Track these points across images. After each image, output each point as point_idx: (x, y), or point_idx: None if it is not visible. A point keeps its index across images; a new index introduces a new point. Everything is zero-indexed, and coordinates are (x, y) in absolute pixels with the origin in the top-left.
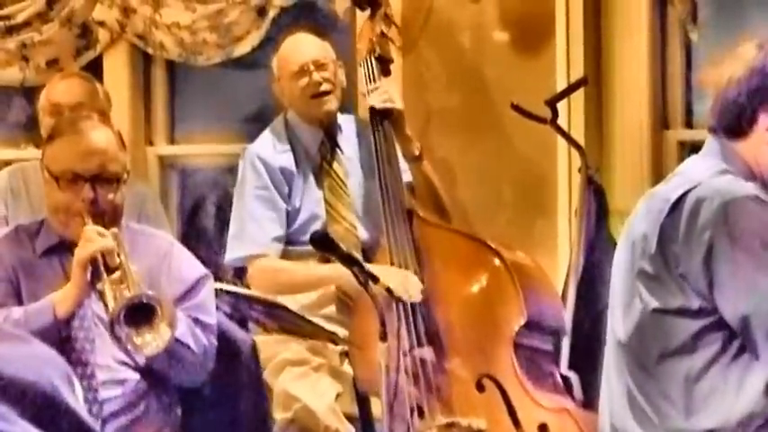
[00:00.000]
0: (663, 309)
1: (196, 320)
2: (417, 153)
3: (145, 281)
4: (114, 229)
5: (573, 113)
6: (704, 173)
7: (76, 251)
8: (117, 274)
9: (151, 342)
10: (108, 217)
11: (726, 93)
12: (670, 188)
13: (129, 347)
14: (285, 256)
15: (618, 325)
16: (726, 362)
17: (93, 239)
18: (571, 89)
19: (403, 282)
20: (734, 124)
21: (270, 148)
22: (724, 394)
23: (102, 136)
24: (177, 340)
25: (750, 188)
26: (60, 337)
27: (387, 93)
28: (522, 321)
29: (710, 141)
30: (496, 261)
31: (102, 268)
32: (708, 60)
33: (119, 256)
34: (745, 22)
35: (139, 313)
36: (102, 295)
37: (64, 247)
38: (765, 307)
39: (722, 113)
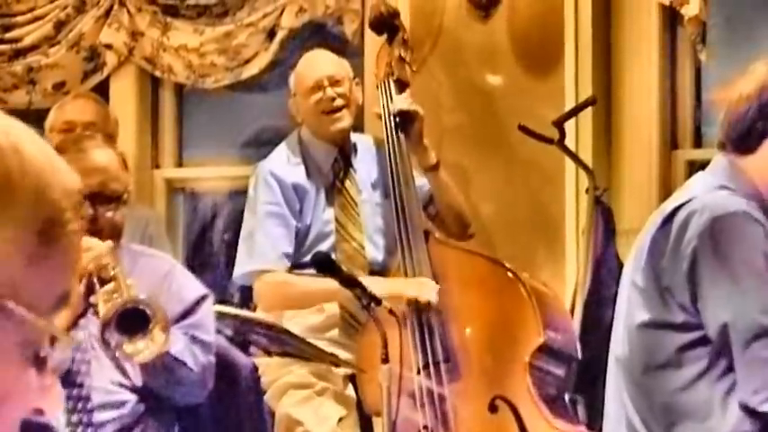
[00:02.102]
0: (648, 322)
1: (194, 338)
2: (434, 162)
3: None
4: (108, 242)
5: (581, 133)
6: (701, 188)
7: None
8: (110, 286)
9: (144, 350)
10: (106, 235)
11: (736, 108)
12: (668, 202)
13: (118, 355)
14: None
15: (617, 341)
16: (713, 378)
17: (86, 251)
18: (578, 109)
19: (419, 286)
20: (742, 140)
21: (283, 164)
22: (708, 411)
23: (105, 155)
24: (175, 358)
25: (742, 204)
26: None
27: (410, 98)
28: (540, 341)
29: (717, 157)
30: (515, 282)
31: (95, 281)
32: (718, 81)
33: (113, 268)
34: (755, 42)
35: (132, 322)
36: (94, 308)
37: None
38: (743, 321)
39: (731, 129)
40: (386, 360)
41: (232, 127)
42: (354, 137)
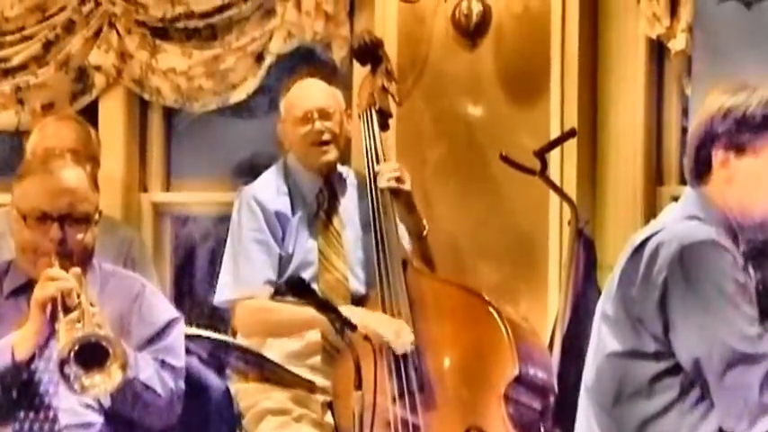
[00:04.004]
0: (619, 352)
1: (163, 363)
2: (422, 231)
3: (113, 321)
4: (76, 269)
5: (566, 166)
6: (670, 218)
7: (35, 292)
8: (74, 314)
9: (99, 384)
10: (77, 257)
11: (691, 140)
12: (638, 233)
13: (75, 388)
14: None
15: (587, 370)
16: (685, 408)
17: (51, 280)
18: (559, 140)
19: (396, 330)
20: (696, 168)
21: (267, 191)
22: None
23: (73, 175)
24: (143, 383)
25: (711, 233)
26: (22, 379)
27: (397, 172)
28: (515, 373)
29: (687, 189)
30: (491, 314)
31: (59, 308)
32: None
33: (78, 296)
34: (740, 76)
35: (92, 354)
36: (58, 335)
37: (31, 288)
38: (718, 350)
39: (689, 160)
40: (359, 386)
41: (219, 152)
42: (341, 169)
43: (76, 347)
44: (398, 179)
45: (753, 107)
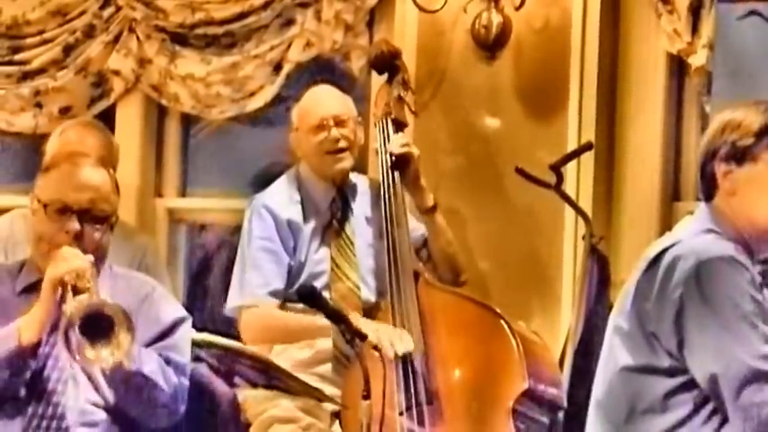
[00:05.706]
0: (633, 366)
1: (168, 360)
2: (431, 204)
3: None
4: (89, 256)
5: (582, 180)
6: (687, 231)
7: (48, 270)
8: (83, 297)
9: (108, 357)
10: (90, 255)
11: (698, 158)
12: (653, 246)
13: (78, 358)
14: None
15: (598, 385)
16: (697, 424)
17: (66, 259)
18: (575, 154)
19: (392, 336)
20: (704, 185)
21: (279, 200)
22: None
23: (98, 174)
24: (146, 377)
25: (728, 248)
26: (28, 366)
27: (405, 140)
28: (524, 387)
29: (700, 204)
30: (502, 327)
31: (70, 291)
32: None
33: (89, 281)
34: (762, 94)
35: (99, 330)
36: (65, 315)
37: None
38: (733, 368)
39: (698, 178)
40: (367, 396)
41: (235, 159)
42: (353, 176)
43: (84, 317)
44: (407, 146)
45: (750, 117)
